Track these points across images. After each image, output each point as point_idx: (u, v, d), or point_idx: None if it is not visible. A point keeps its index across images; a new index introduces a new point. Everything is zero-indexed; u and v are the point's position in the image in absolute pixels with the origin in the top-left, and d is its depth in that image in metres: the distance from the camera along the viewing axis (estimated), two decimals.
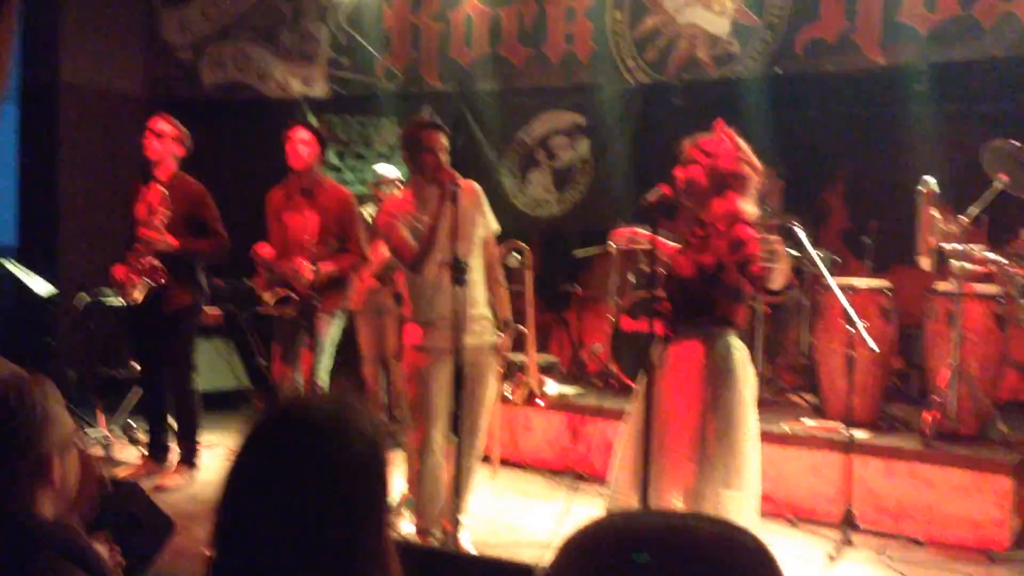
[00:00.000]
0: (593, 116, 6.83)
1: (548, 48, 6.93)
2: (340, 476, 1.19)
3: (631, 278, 6.12)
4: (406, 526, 4.52)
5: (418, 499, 4.12)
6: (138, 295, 5.05)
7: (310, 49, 7.60)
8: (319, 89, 7.59)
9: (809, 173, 6.51)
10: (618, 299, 6.10)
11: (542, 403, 4.10)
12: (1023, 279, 4.51)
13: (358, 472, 1.21)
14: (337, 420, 1.23)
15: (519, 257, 4.34)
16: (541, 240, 7.45)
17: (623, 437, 3.53)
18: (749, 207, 3.38)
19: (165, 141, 5.13)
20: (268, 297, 4.84)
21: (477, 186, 4.15)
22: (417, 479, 4.09)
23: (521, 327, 4.18)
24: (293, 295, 4.77)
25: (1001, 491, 4.42)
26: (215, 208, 5.18)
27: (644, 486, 3.25)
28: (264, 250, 4.94)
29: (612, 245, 6.13)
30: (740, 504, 3.28)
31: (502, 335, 4.09)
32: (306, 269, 4.81)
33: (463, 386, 3.67)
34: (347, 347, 5.92)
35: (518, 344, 4.43)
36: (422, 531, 4.11)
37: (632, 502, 3.38)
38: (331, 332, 5.04)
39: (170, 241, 5.02)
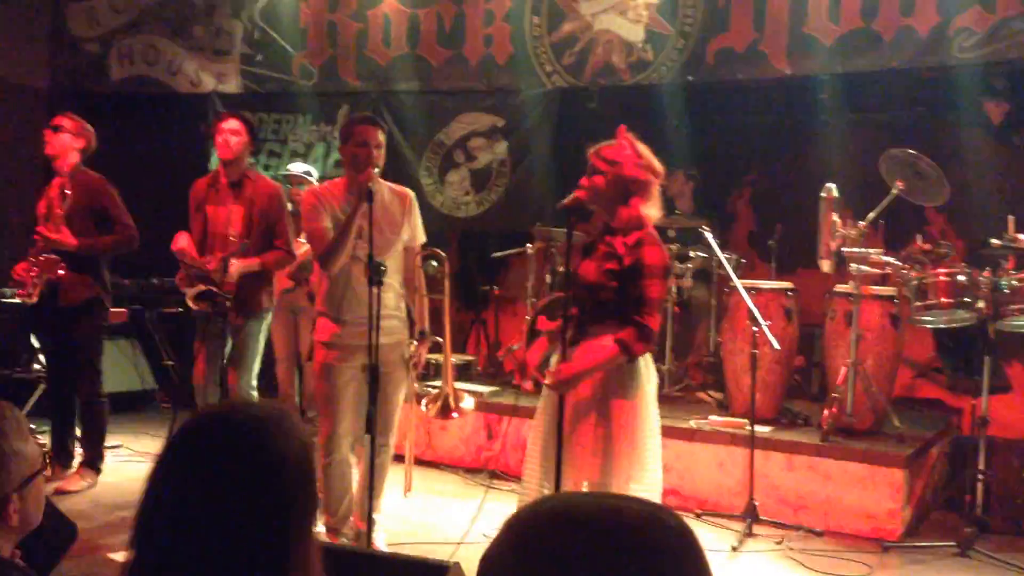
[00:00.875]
0: (511, 118, 6.90)
1: (467, 50, 6.97)
2: (267, 480, 1.18)
3: (548, 279, 6.21)
4: (318, 525, 4.50)
5: (326, 497, 4.10)
6: (34, 292, 4.88)
7: (223, 44, 7.47)
8: (232, 85, 7.48)
9: (719, 178, 6.71)
10: (534, 299, 6.17)
11: (457, 416, 4.13)
12: (917, 281, 4.73)
13: (285, 477, 1.19)
14: (266, 424, 1.22)
15: (436, 265, 4.34)
16: (459, 241, 7.49)
17: (532, 435, 3.59)
18: (652, 211, 3.46)
19: (63, 136, 4.96)
20: (189, 292, 4.69)
21: (410, 193, 4.14)
22: (325, 477, 4.07)
23: (438, 338, 4.20)
24: (214, 290, 4.62)
25: (894, 483, 4.64)
26: (118, 199, 5.01)
27: (557, 481, 3.32)
28: (181, 241, 4.76)
29: (529, 247, 6.21)
30: (643, 496, 3.36)
31: (416, 343, 4.09)
32: (236, 266, 4.65)
33: (376, 385, 3.67)
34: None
35: (435, 351, 4.45)
36: (332, 529, 4.10)
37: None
38: (260, 332, 4.89)
39: (68, 241, 4.85)
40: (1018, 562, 4.23)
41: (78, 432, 5.17)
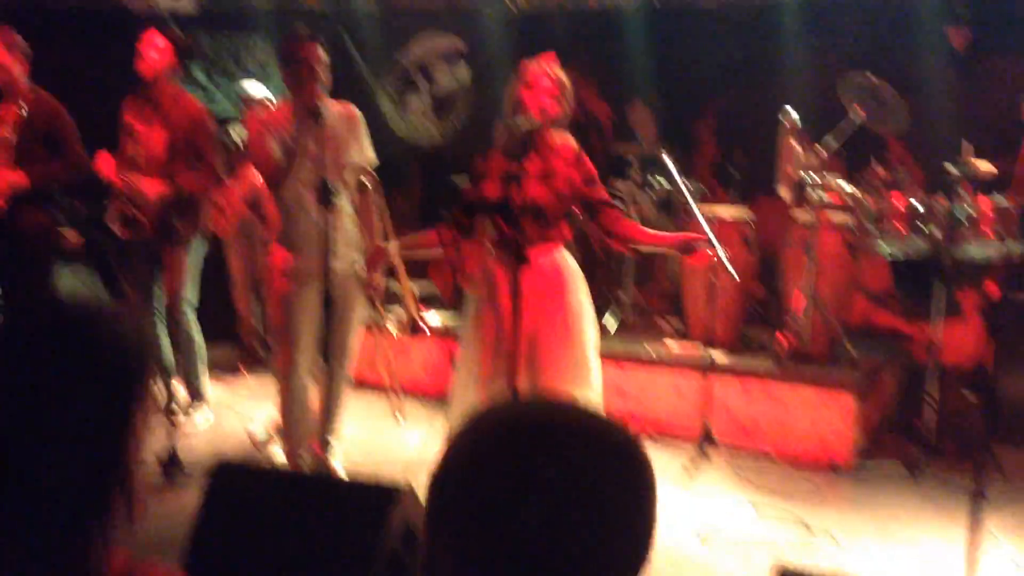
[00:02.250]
0: (473, 42, 6.76)
1: None
2: (91, 373, 1.15)
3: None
4: (278, 452, 4.52)
5: (284, 422, 4.11)
6: None
7: None
8: (186, 3, 7.23)
9: (682, 105, 6.65)
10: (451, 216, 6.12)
11: (428, 331, 4.11)
12: (874, 209, 4.76)
13: (111, 370, 1.16)
14: (90, 317, 1.19)
15: (367, 184, 4.23)
16: (421, 167, 7.40)
17: (466, 355, 3.62)
18: (571, 141, 3.59)
19: (14, 53, 4.76)
20: (110, 214, 4.56)
21: (356, 111, 4.04)
22: (282, 403, 4.08)
23: (387, 243, 4.12)
24: (138, 215, 4.50)
25: (845, 408, 4.74)
26: (72, 124, 4.84)
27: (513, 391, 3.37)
28: (105, 163, 4.60)
29: None
30: (587, 403, 3.45)
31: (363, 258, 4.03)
32: (149, 187, 4.52)
33: (331, 310, 3.65)
34: (217, 274, 5.78)
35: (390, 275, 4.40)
36: (290, 454, 4.12)
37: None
38: (191, 260, 4.78)
39: (17, 180, 4.69)
40: (964, 484, 4.36)
41: None
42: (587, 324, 3.57)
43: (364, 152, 4.04)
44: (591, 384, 3.54)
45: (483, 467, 0.90)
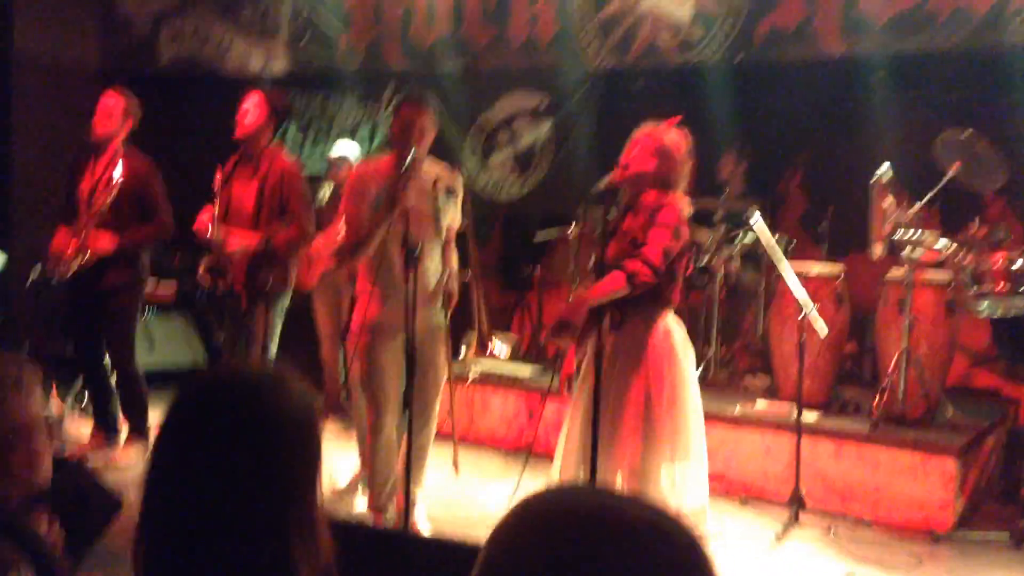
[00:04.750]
0: (555, 98, 6.84)
1: (511, 31, 6.91)
2: (268, 441, 1.17)
3: (591, 261, 6.14)
4: (360, 504, 4.52)
5: (371, 477, 4.12)
6: (66, 270, 4.91)
7: (271, 25, 7.50)
8: (280, 65, 7.51)
9: (769, 159, 6.58)
10: (578, 282, 6.12)
11: (491, 349, 4.04)
12: (973, 267, 4.59)
13: (286, 438, 1.18)
14: (268, 385, 1.21)
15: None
16: (503, 223, 7.46)
17: (569, 419, 3.57)
18: (684, 204, 3.46)
19: (115, 114, 4.98)
20: (202, 264, 4.69)
21: (457, 176, 4.11)
22: (369, 457, 4.09)
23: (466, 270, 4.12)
24: (226, 266, 4.60)
25: (946, 473, 4.52)
26: (162, 186, 5.02)
27: (592, 467, 3.31)
28: (201, 219, 4.75)
29: (572, 227, 6.16)
30: (686, 476, 3.35)
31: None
32: (236, 241, 4.61)
33: (413, 366, 3.67)
34: (304, 327, 5.88)
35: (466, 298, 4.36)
36: (375, 509, 4.11)
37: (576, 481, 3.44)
38: (273, 314, 4.83)
39: (107, 245, 4.88)
40: None
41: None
42: (685, 395, 3.42)
43: (457, 215, 4.07)
44: (689, 456, 3.39)
45: (529, 545, 0.86)
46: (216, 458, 1.16)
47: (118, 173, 4.90)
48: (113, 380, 5.19)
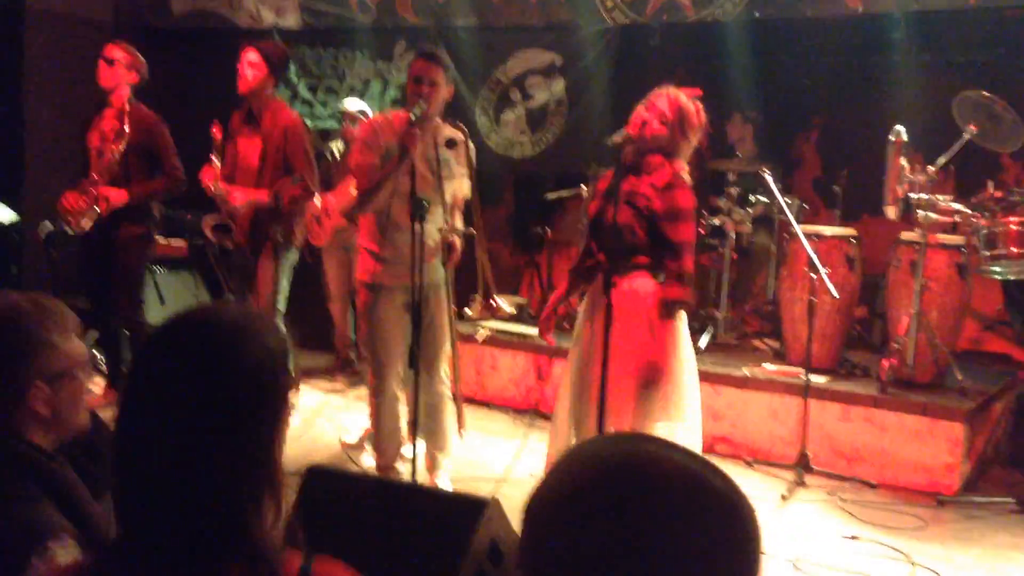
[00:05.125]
0: (569, 56, 6.74)
1: None
2: (226, 387, 1.18)
3: (584, 221, 6.12)
4: (367, 460, 4.57)
5: (376, 436, 4.15)
6: (86, 223, 4.94)
7: None
8: (291, 20, 7.43)
9: (784, 119, 6.50)
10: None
11: (496, 307, 3.99)
12: (987, 230, 4.54)
13: (247, 386, 1.19)
14: (233, 331, 1.22)
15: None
16: (514, 182, 7.42)
17: (565, 379, 3.58)
18: (686, 175, 3.48)
19: (117, 68, 4.98)
20: (206, 221, 4.70)
21: (465, 138, 4.04)
22: (375, 416, 4.12)
23: (472, 230, 4.06)
24: (229, 222, 4.61)
25: (953, 437, 4.51)
26: (169, 139, 5.02)
27: (600, 422, 3.32)
28: (207, 175, 4.75)
29: (584, 188, 6.11)
30: (680, 436, 3.38)
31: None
32: (241, 196, 4.61)
33: (420, 322, 3.67)
34: (314, 283, 5.90)
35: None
36: (382, 468, 4.14)
37: (570, 438, 3.48)
38: (281, 269, 4.85)
39: (120, 200, 4.90)
40: None
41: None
42: (680, 357, 3.43)
43: (462, 184, 4.02)
44: (683, 417, 3.41)
45: (579, 515, 0.86)
46: (173, 401, 1.17)
47: (125, 126, 4.90)
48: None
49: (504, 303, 3.86)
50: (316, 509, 2.87)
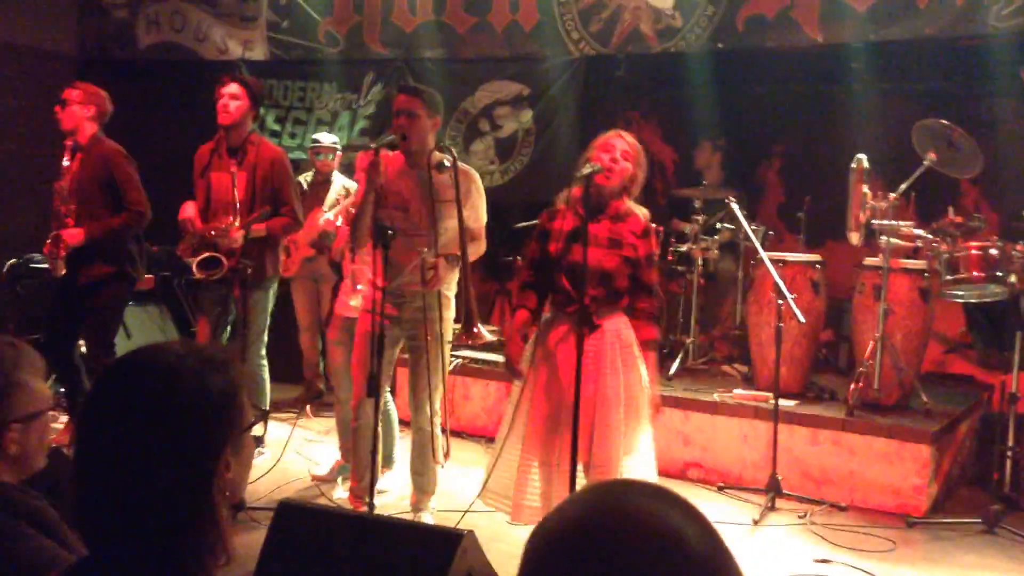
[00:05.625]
0: (537, 87, 6.82)
1: (493, 17, 6.88)
2: (168, 425, 1.21)
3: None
4: (339, 493, 4.54)
5: (354, 462, 4.16)
6: (60, 267, 4.89)
7: (250, 11, 7.44)
8: (259, 52, 7.45)
9: (748, 148, 6.60)
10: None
11: (477, 333, 3.96)
12: (948, 255, 4.64)
13: (187, 424, 1.22)
14: (182, 365, 1.24)
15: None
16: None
17: (520, 406, 3.59)
18: (644, 215, 3.58)
19: (71, 108, 4.90)
20: (193, 260, 4.67)
21: (473, 175, 4.05)
22: (353, 441, 4.12)
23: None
24: (219, 257, 4.59)
25: (920, 459, 4.57)
26: (131, 173, 4.95)
27: (572, 468, 3.36)
28: (188, 210, 4.74)
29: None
30: (642, 467, 3.46)
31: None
32: (234, 230, 4.63)
33: (380, 349, 3.69)
34: (283, 314, 5.87)
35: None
36: (357, 495, 4.12)
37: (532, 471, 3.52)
38: (265, 301, 4.84)
39: (74, 239, 4.82)
40: None
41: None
42: (643, 393, 3.53)
43: (475, 215, 4.03)
44: (641, 450, 3.52)
45: (568, 563, 0.89)
46: (116, 439, 1.21)
47: (80, 164, 4.87)
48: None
49: (486, 331, 3.88)
50: (288, 544, 2.85)
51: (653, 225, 3.66)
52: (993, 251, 4.50)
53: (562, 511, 0.94)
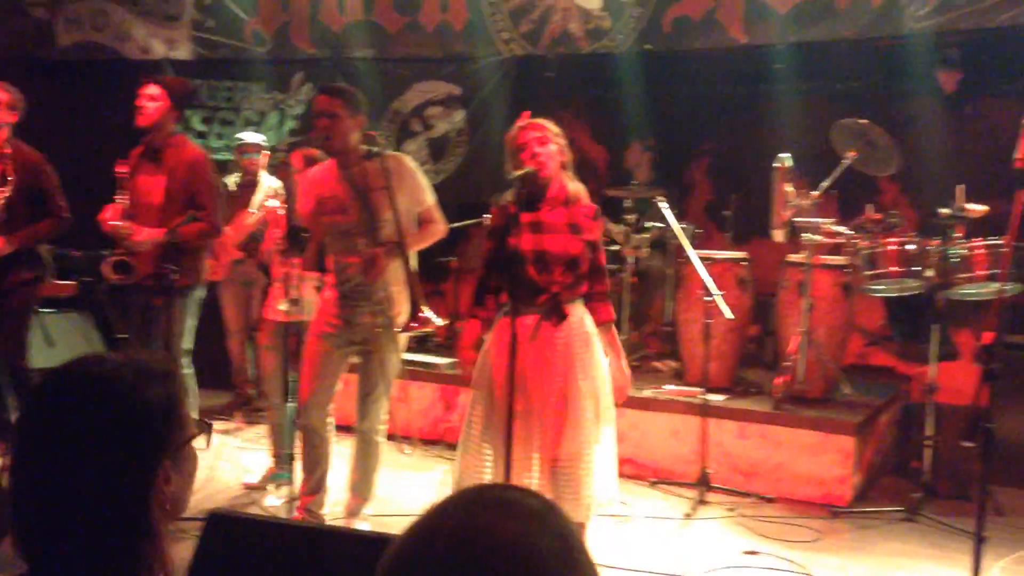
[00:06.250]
0: (468, 87, 6.83)
1: (423, 17, 6.87)
2: (110, 431, 1.20)
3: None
4: (271, 501, 4.48)
5: (305, 474, 4.11)
6: None
7: (173, 9, 7.29)
8: (184, 52, 7.31)
9: (676, 147, 6.71)
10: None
11: (419, 324, 3.90)
12: (868, 251, 4.78)
13: (129, 430, 1.21)
14: (117, 376, 1.23)
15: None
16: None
17: (478, 405, 3.59)
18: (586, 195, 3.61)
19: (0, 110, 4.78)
20: (105, 261, 4.55)
21: (403, 158, 3.98)
22: (303, 453, 4.08)
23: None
24: (130, 260, 4.48)
25: (844, 450, 4.71)
26: (55, 178, 4.84)
27: (507, 454, 3.36)
28: (107, 213, 4.60)
29: (487, 217, 6.17)
30: (603, 458, 3.48)
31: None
32: (144, 233, 4.50)
33: (289, 353, 3.67)
34: (210, 319, 5.77)
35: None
36: (301, 507, 4.08)
37: (484, 468, 3.51)
38: (189, 308, 4.72)
39: (4, 250, 4.71)
40: (963, 526, 4.32)
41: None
42: (605, 379, 3.54)
43: (414, 199, 3.92)
44: (605, 439, 3.52)
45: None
46: (54, 453, 1.19)
47: (8, 174, 4.72)
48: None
49: (433, 315, 3.80)
50: (219, 556, 2.80)
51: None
52: (910, 246, 4.65)
53: (412, 529, 0.95)
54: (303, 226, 3.76)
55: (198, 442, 1.37)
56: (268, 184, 5.76)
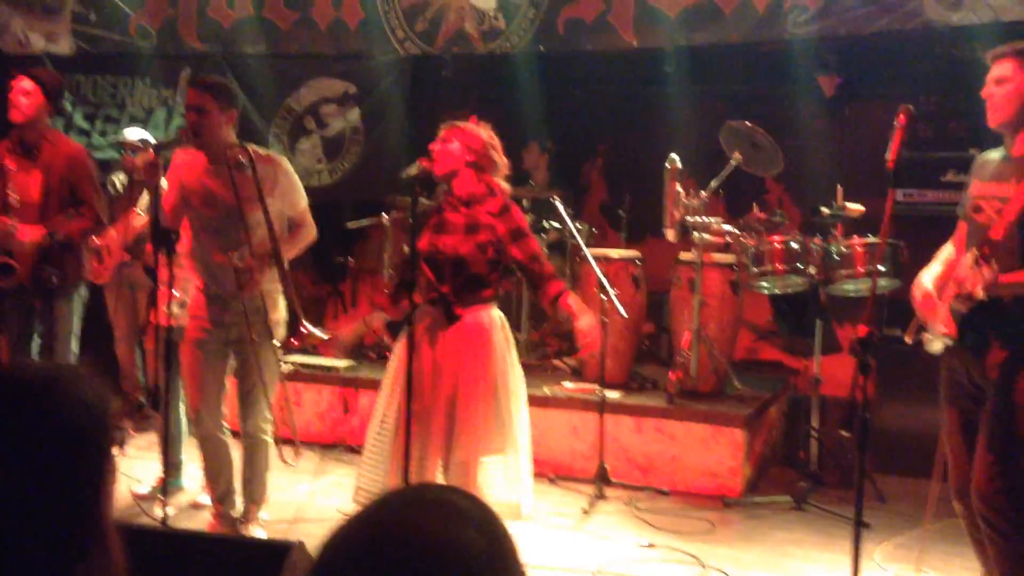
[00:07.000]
0: (363, 85, 6.75)
1: (315, 13, 6.75)
2: (43, 446, 1.14)
3: (406, 249, 6.14)
4: (159, 510, 4.34)
5: (204, 476, 4.01)
6: None
7: (53, 2, 6.97)
8: (64, 46, 7.00)
9: (572, 148, 6.80)
10: (392, 271, 6.10)
11: (303, 333, 3.84)
12: (754, 249, 4.94)
13: (65, 445, 1.15)
14: (48, 388, 1.17)
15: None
16: (313, 211, 7.29)
17: (387, 409, 3.57)
18: (505, 184, 3.58)
19: None
20: None
21: (278, 160, 3.89)
22: (204, 463, 3.97)
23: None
24: (11, 262, 4.27)
25: (735, 442, 4.87)
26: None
27: (406, 459, 3.35)
28: None
29: (386, 216, 6.12)
30: (515, 463, 3.51)
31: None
32: (24, 233, 4.33)
33: (168, 356, 3.58)
34: (96, 323, 5.55)
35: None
36: (217, 511, 3.99)
37: (388, 473, 3.48)
38: (72, 309, 4.57)
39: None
40: (848, 513, 4.51)
41: None
42: (514, 385, 3.54)
43: (288, 198, 3.87)
44: (516, 446, 3.53)
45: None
46: (4, 460, 1.13)
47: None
48: None
49: (315, 329, 3.75)
50: None
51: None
52: (794, 244, 4.84)
53: (345, 530, 0.94)
54: (168, 226, 3.64)
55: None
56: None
